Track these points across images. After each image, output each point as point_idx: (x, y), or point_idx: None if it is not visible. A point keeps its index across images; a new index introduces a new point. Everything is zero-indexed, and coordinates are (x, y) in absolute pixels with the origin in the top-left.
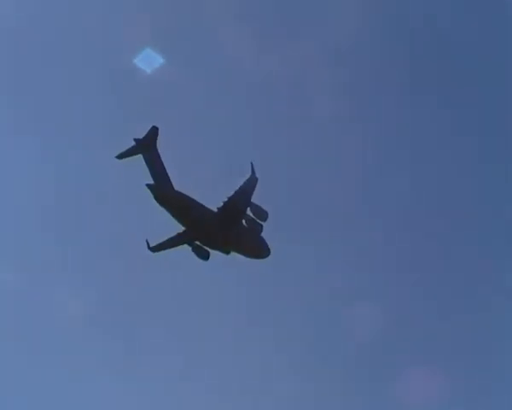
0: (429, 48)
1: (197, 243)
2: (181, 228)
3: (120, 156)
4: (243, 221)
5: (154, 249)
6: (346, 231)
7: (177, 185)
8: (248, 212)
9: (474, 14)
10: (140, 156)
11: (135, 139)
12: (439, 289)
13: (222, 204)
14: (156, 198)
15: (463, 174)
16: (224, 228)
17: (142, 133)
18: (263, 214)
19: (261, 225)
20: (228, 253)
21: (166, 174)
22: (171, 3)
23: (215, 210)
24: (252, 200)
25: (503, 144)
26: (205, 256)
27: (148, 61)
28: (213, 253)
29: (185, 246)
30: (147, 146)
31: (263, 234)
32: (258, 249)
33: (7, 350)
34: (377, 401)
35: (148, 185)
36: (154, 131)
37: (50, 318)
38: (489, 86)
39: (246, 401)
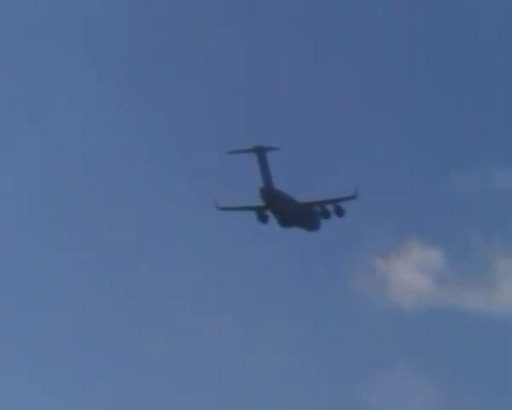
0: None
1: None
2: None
3: (234, 152)
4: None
5: (223, 209)
6: None
7: None
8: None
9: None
10: None
11: (255, 146)
12: None
13: (306, 202)
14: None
15: None
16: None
17: None
18: (341, 212)
19: (330, 215)
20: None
21: (270, 173)
22: None
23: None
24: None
25: None
26: (265, 221)
27: None
28: None
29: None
30: (263, 151)
31: None
32: (314, 226)
33: None
34: None
35: (261, 189)
36: (275, 148)
37: None
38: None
39: None
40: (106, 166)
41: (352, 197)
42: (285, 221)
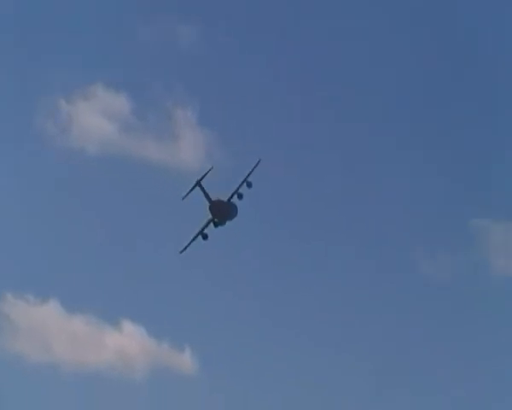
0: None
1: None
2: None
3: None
4: None
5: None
6: None
7: None
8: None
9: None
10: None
11: (197, 181)
12: None
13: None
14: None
15: None
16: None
17: None
18: (250, 185)
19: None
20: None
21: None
22: None
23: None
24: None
25: None
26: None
27: None
28: None
29: None
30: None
31: None
32: (235, 214)
33: None
34: None
35: (209, 205)
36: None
37: None
38: None
39: None
40: None
41: (257, 165)
42: (222, 222)
